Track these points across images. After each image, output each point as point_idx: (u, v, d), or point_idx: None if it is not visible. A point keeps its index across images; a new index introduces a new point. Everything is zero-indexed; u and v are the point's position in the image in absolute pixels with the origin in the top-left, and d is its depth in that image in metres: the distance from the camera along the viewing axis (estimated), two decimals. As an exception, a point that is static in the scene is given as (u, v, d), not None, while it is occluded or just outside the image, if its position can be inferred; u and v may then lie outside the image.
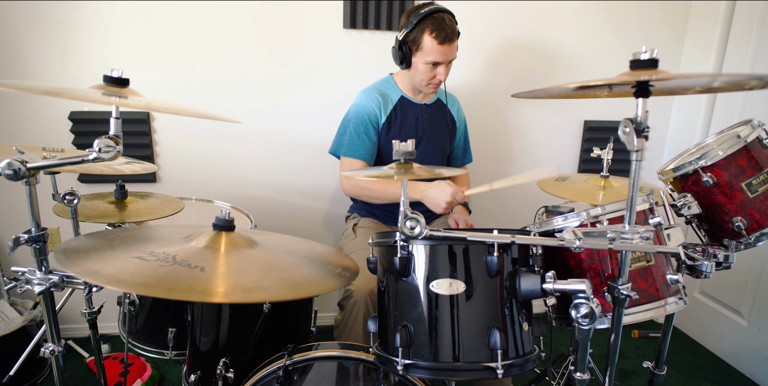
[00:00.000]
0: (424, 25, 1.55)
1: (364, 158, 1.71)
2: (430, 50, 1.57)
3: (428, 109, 1.81)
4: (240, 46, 1.98)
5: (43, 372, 1.76)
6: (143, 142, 1.99)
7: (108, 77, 0.91)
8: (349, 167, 1.72)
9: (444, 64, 1.62)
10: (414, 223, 0.83)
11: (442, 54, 1.58)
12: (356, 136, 1.71)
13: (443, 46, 1.56)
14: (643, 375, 1.99)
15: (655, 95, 0.86)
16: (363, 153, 1.71)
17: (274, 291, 0.81)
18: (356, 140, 1.71)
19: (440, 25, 1.54)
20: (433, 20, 1.55)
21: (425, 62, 1.60)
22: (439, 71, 1.63)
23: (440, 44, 1.56)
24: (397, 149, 0.87)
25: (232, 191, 2.12)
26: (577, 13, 2.18)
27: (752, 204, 1.13)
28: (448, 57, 1.60)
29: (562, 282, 0.84)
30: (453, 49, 1.60)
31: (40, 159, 0.83)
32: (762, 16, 1.96)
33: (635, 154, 0.80)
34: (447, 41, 1.56)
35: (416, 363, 0.88)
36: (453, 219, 1.76)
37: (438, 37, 1.54)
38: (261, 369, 1.03)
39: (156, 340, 1.43)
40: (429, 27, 1.55)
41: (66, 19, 1.83)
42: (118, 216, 1.30)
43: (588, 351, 0.90)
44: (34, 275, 0.90)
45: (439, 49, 1.57)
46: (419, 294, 0.90)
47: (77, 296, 1.70)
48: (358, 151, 1.71)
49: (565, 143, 2.37)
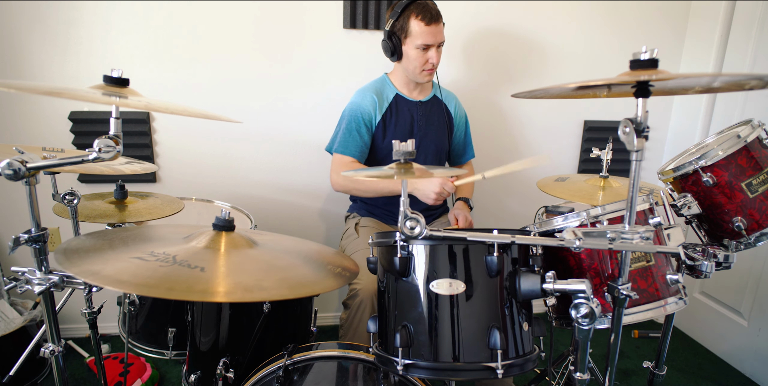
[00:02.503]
0: (409, 11, 1.61)
1: (354, 155, 1.74)
2: (418, 33, 1.61)
3: (423, 106, 1.82)
4: (240, 47, 1.98)
5: (43, 372, 1.76)
6: (143, 142, 1.99)
7: (108, 77, 0.91)
8: (339, 163, 1.75)
9: (434, 46, 1.65)
10: (414, 223, 0.83)
11: (430, 35, 1.61)
12: (348, 133, 1.74)
13: (430, 26, 1.60)
14: (643, 375, 1.99)
15: (655, 95, 0.86)
16: (353, 150, 1.73)
17: (274, 290, 0.81)
18: (348, 137, 1.74)
19: (424, 8, 1.61)
20: (417, 5, 1.61)
21: (416, 47, 1.63)
22: (430, 55, 1.65)
23: (427, 25, 1.60)
24: (397, 149, 0.87)
25: (232, 191, 2.12)
26: (577, 13, 2.18)
27: (752, 204, 1.13)
28: (437, 38, 1.64)
29: (562, 282, 0.84)
30: (440, 30, 1.64)
31: (40, 159, 0.83)
32: (762, 16, 1.96)
33: (635, 154, 0.80)
34: (433, 21, 1.60)
35: (416, 363, 0.88)
36: (453, 215, 1.76)
37: (424, 18, 1.59)
38: (261, 369, 1.03)
39: (156, 340, 1.43)
40: (414, 12, 1.60)
41: (66, 19, 1.83)
42: (118, 216, 1.31)
43: (588, 351, 0.90)
44: (34, 275, 0.90)
45: (427, 30, 1.60)
46: (419, 294, 0.90)
47: (77, 296, 1.71)
48: (348, 148, 1.73)
49: (565, 143, 2.37)
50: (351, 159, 1.74)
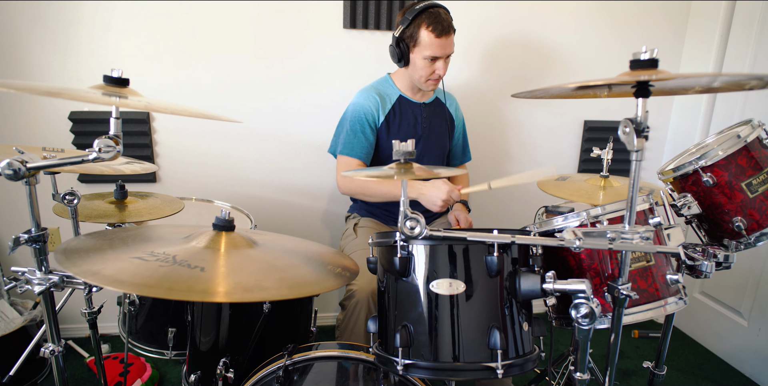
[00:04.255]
0: (420, 20, 1.56)
1: (360, 157, 1.71)
2: (427, 45, 1.58)
3: (427, 108, 1.81)
4: (240, 46, 1.98)
5: (43, 372, 1.76)
6: (143, 142, 1.99)
7: (108, 77, 0.91)
8: (345, 166, 1.72)
9: (442, 58, 1.62)
10: (414, 223, 0.83)
11: (440, 48, 1.58)
12: (352, 134, 1.71)
13: (440, 39, 1.57)
14: (643, 375, 1.99)
15: (655, 95, 0.86)
16: (359, 152, 1.71)
17: (274, 290, 0.81)
18: (352, 138, 1.71)
19: (436, 18, 1.55)
20: (429, 15, 1.56)
21: (423, 57, 1.60)
22: (437, 66, 1.63)
23: (437, 37, 1.56)
24: (397, 149, 0.87)
25: (232, 191, 2.12)
26: (577, 13, 2.18)
27: (752, 204, 1.13)
28: (446, 51, 1.61)
29: (562, 282, 0.84)
30: (450, 42, 1.61)
31: (40, 159, 0.84)
32: (762, 16, 1.96)
33: (635, 154, 0.80)
34: (444, 34, 1.57)
35: (416, 363, 0.88)
36: (453, 216, 1.76)
37: (435, 30, 1.55)
38: (261, 369, 1.03)
39: (156, 340, 1.43)
40: (425, 21, 1.56)
41: (66, 19, 1.83)
42: (118, 216, 1.31)
43: (588, 351, 0.90)
44: (34, 275, 0.90)
45: (437, 43, 1.57)
46: (419, 294, 0.90)
47: (77, 296, 1.70)
48: (354, 149, 1.71)
49: (565, 143, 2.37)
50: (357, 161, 1.71)
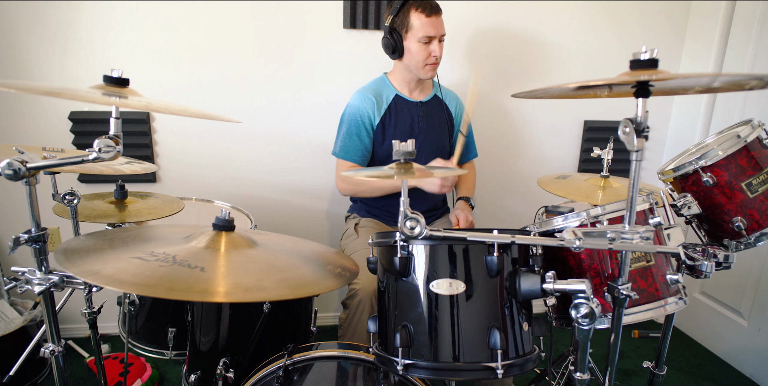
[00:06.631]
0: (408, 5, 1.61)
1: (355, 160, 1.74)
2: (420, 26, 1.60)
3: (424, 106, 1.81)
4: (240, 46, 1.97)
5: (43, 372, 1.76)
6: (143, 142, 1.99)
7: (108, 77, 0.91)
8: (342, 168, 1.76)
9: (436, 39, 1.64)
10: (414, 223, 0.83)
11: (432, 26, 1.60)
12: (348, 138, 1.73)
13: (431, 18, 1.60)
14: (643, 375, 1.99)
15: (655, 95, 0.86)
16: (354, 155, 1.73)
17: (274, 290, 0.81)
18: (348, 142, 1.73)
19: (423, 1, 1.60)
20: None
21: (418, 40, 1.62)
22: (433, 48, 1.64)
23: (428, 17, 1.59)
24: (397, 149, 0.87)
25: (232, 191, 2.12)
26: (577, 13, 2.18)
27: (752, 204, 1.13)
28: (439, 30, 1.63)
29: (562, 282, 0.84)
30: (441, 22, 1.64)
31: (40, 159, 0.83)
32: (762, 16, 1.95)
33: (635, 154, 0.80)
34: (434, 13, 1.60)
35: (416, 363, 0.88)
36: (454, 216, 1.76)
37: (425, 10, 1.59)
38: (261, 369, 1.03)
39: (156, 340, 1.43)
40: (413, 5, 1.60)
41: (66, 19, 1.83)
42: (118, 216, 1.30)
43: (588, 351, 0.90)
44: (34, 275, 0.90)
45: (428, 22, 1.60)
46: (419, 294, 0.90)
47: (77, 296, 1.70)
48: (349, 152, 1.73)
49: (565, 143, 2.37)
50: (352, 165, 1.74)
